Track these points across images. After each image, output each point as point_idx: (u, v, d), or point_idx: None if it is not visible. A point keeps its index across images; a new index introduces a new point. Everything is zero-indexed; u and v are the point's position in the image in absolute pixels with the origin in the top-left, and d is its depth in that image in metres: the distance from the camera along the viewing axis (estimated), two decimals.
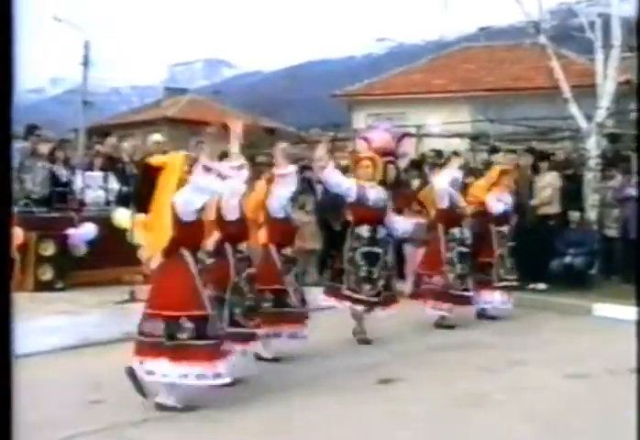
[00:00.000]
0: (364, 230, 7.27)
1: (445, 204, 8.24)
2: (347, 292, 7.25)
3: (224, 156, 12.67)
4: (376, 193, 7.38)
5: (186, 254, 5.01)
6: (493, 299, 8.66)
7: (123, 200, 10.30)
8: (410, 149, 13.39)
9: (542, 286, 10.05)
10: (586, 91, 11.84)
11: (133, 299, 8.60)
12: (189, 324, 4.86)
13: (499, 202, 8.70)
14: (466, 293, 8.25)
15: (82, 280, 9.82)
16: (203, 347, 4.87)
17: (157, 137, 12.91)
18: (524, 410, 5.30)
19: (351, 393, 5.61)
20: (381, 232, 7.35)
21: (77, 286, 9.69)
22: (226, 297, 5.60)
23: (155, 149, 12.29)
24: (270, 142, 21.85)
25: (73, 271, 9.88)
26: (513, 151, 11.84)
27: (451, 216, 8.25)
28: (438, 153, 12.26)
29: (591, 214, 10.76)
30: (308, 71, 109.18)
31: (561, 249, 10.12)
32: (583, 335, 7.94)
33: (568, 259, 10.06)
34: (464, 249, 8.28)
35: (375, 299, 7.28)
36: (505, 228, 8.77)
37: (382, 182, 7.64)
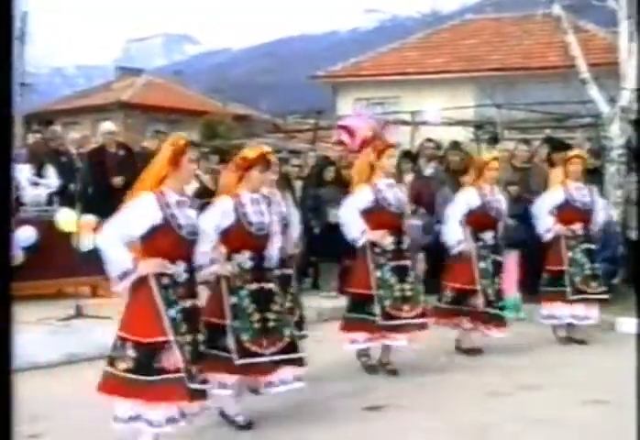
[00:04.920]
0: (389, 241, 7.00)
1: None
2: (385, 322, 6.97)
3: None
4: (395, 195, 7.14)
5: None
6: (562, 314, 8.55)
7: (67, 199, 10.23)
8: (396, 139, 13.46)
9: None
10: (609, 70, 11.86)
11: (79, 314, 8.56)
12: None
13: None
14: (498, 312, 8.02)
15: (20, 294, 9.73)
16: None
17: (108, 125, 12.86)
18: None
19: (333, 422, 5.61)
20: (407, 241, 7.17)
21: (14, 300, 9.59)
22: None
23: (107, 140, 12.29)
24: (241, 131, 21.89)
25: None
26: (527, 142, 11.85)
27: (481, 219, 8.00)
28: (437, 143, 12.28)
29: (613, 214, 10.79)
30: (285, 48, 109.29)
31: None
32: (605, 354, 7.97)
33: None
34: (499, 258, 8.12)
35: (418, 320, 7.08)
36: (577, 226, 8.49)
37: None
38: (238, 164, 5.56)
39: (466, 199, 7.93)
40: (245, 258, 5.44)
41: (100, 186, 11.52)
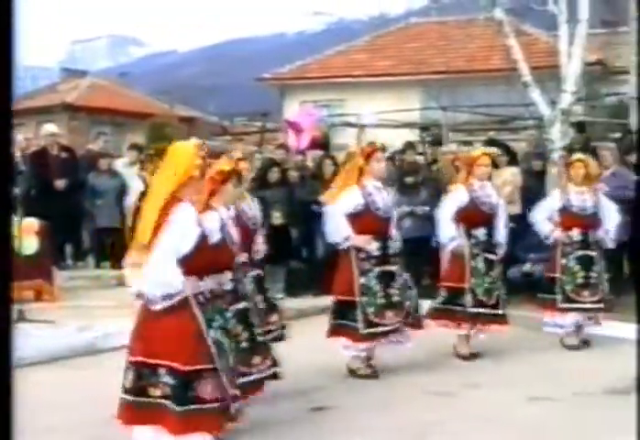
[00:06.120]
0: (374, 246, 6.99)
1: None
2: (367, 330, 6.95)
3: (134, 148, 12.55)
4: (383, 199, 7.11)
5: None
6: (564, 323, 8.37)
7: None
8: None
9: None
10: (551, 73, 12.02)
11: (22, 319, 8.47)
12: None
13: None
14: (495, 311, 7.92)
15: None
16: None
17: (50, 127, 12.75)
18: None
19: (277, 424, 5.63)
20: (392, 246, 7.14)
21: None
22: None
23: (49, 142, 12.19)
24: (187, 134, 21.79)
25: None
26: (468, 143, 11.96)
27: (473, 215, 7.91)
28: (382, 145, 12.35)
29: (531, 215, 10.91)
30: (231, 50, 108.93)
31: (519, 255, 10.27)
32: (548, 352, 8.09)
33: (527, 266, 10.23)
34: (491, 256, 8.01)
35: (394, 327, 7.09)
36: (574, 233, 8.34)
37: (315, 178, 7.65)
38: (214, 178, 5.17)
39: (455, 196, 7.88)
40: (227, 279, 5.08)
41: (42, 189, 11.44)
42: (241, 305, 5.45)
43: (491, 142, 12.10)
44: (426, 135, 15.35)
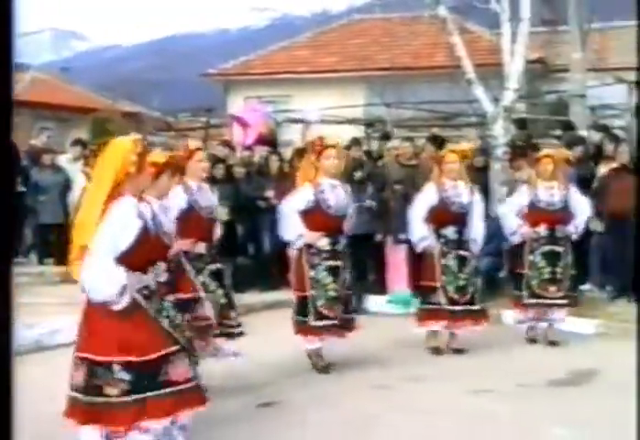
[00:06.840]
0: (325, 242, 7.07)
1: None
2: (315, 323, 7.04)
3: (78, 143, 12.35)
4: (337, 197, 7.14)
5: None
6: (525, 317, 8.48)
7: None
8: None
9: None
10: (494, 70, 12.17)
11: None
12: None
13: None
14: (469, 307, 7.90)
15: None
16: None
17: None
18: (420, 432, 5.47)
19: (223, 419, 5.63)
20: (342, 243, 7.20)
21: None
22: None
23: None
24: (131, 129, 21.58)
25: None
26: (410, 139, 12.03)
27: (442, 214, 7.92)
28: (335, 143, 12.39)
29: (499, 210, 11.06)
30: (175, 46, 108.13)
31: None
32: (491, 345, 8.15)
33: None
34: (464, 253, 7.97)
35: (339, 322, 7.14)
36: (541, 228, 8.34)
37: (261, 174, 7.64)
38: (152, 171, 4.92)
39: (425, 196, 7.90)
40: (161, 271, 4.86)
41: None
42: (177, 297, 5.15)
43: (434, 138, 12.19)
44: (372, 131, 15.43)
